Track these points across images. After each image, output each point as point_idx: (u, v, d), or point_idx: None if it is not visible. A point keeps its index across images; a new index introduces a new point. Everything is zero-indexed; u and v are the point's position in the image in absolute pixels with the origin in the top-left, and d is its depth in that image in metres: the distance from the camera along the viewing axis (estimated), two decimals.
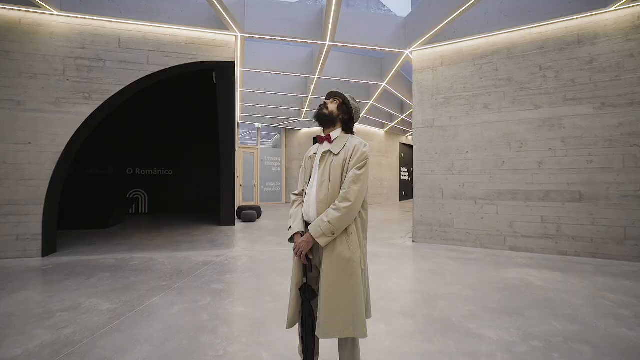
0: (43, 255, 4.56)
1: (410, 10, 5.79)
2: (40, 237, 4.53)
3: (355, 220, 1.61)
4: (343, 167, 1.62)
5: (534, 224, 4.91)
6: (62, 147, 4.62)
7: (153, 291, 3.24)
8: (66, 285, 3.39)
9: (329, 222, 1.52)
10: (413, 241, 5.84)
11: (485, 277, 3.72)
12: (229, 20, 4.84)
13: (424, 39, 5.35)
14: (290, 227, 1.72)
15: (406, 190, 16.30)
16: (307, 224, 1.69)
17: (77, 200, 7.98)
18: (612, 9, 4.35)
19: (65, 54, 4.73)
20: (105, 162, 9.90)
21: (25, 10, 4.57)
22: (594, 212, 4.54)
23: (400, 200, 15.70)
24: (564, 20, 4.68)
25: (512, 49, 5.09)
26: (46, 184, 4.56)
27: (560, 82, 4.76)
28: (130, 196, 10.16)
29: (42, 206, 4.54)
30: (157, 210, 10.37)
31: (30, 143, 4.54)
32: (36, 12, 4.62)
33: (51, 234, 4.77)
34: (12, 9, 4.54)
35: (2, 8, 4.51)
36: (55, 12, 4.62)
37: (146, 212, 10.27)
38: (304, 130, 13.70)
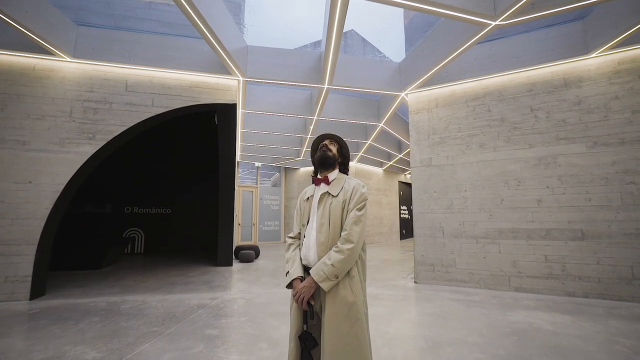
0: (31, 299, 4.38)
1: (404, 56, 6.13)
2: (30, 279, 4.38)
3: (356, 262, 1.57)
4: (343, 209, 1.61)
5: (538, 263, 4.80)
6: (62, 186, 4.63)
7: (143, 337, 3.07)
8: (51, 332, 3.22)
9: (332, 265, 1.48)
10: (415, 282, 5.66)
11: (491, 321, 3.56)
12: (232, 66, 5.09)
13: (417, 82, 5.60)
14: (288, 272, 1.66)
15: (406, 229, 16.11)
16: (305, 268, 1.64)
17: (71, 240, 7.83)
18: (593, 55, 4.62)
19: (73, 97, 4.92)
20: (104, 200, 9.88)
21: (40, 58, 4.82)
22: (597, 250, 4.46)
23: (401, 239, 15.46)
24: (549, 66, 4.95)
25: (503, 92, 5.31)
26: (42, 223, 4.51)
27: (551, 122, 4.91)
28: (127, 235, 10.01)
29: (36, 246, 4.45)
30: (153, 249, 10.16)
31: (30, 182, 4.56)
32: (50, 59, 4.87)
33: (42, 276, 4.63)
34: (28, 57, 4.80)
35: (19, 55, 4.76)
36: (68, 59, 4.87)
37: (142, 251, 10.05)
38: (303, 169, 13.84)
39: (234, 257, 8.41)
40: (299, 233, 1.77)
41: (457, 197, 5.51)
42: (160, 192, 10.49)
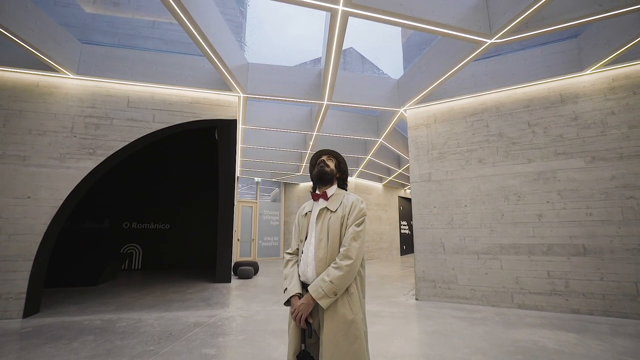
0: (24, 316, 4.29)
1: (402, 72, 6.23)
2: (24, 295, 4.30)
3: (354, 278, 1.55)
4: (342, 224, 1.60)
5: (541, 279, 4.73)
6: (61, 202, 4.62)
7: (139, 357, 2.99)
8: (44, 352, 3.14)
9: (330, 281, 1.46)
10: (416, 299, 5.56)
11: (495, 339, 3.48)
12: (233, 83, 5.17)
13: (416, 99, 5.68)
14: (285, 289, 1.63)
15: (407, 245, 15.97)
16: (304, 285, 1.61)
17: (68, 256, 7.73)
18: (588, 72, 4.70)
19: (75, 112, 4.97)
20: (102, 215, 9.82)
21: (44, 75, 4.90)
22: (600, 266, 4.41)
23: (401, 254, 15.30)
24: (545, 82, 5.02)
25: (500, 107, 5.37)
26: (39, 238, 4.46)
27: (549, 138, 4.95)
28: (125, 251, 9.90)
29: (32, 262, 4.39)
30: (151, 265, 10.03)
31: (29, 197, 4.54)
32: (53, 76, 4.95)
33: (36, 293, 4.55)
34: (32, 74, 4.87)
35: (23, 72, 4.84)
36: (72, 76, 4.95)
37: (139, 267, 9.91)
38: (303, 185, 13.85)
39: (232, 273, 8.30)
40: (297, 249, 1.75)
41: (457, 212, 5.49)
42: (160, 208, 10.45)
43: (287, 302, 1.60)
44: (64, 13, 4.74)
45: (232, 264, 8.32)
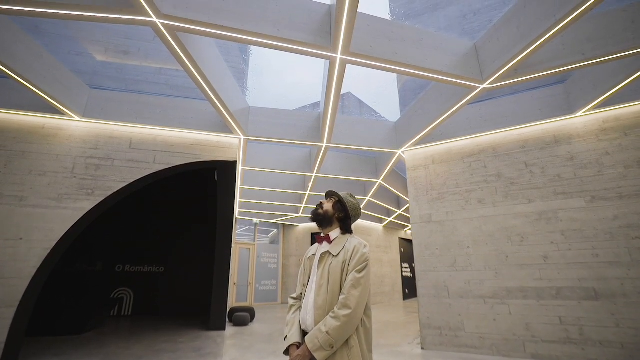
0: None
1: (399, 116, 6.43)
2: (2, 346, 4.02)
3: (357, 329, 1.44)
4: (343, 270, 1.52)
5: (553, 325, 4.47)
6: (54, 243, 4.51)
7: None
8: None
9: (327, 332, 1.36)
10: (422, 348, 5.21)
11: None
12: (234, 125, 5.30)
13: (413, 141, 5.80)
14: (286, 336, 1.53)
15: (409, 288, 15.37)
16: (304, 333, 1.51)
17: (53, 301, 7.35)
18: (579, 114, 4.85)
19: (77, 153, 5.03)
20: (95, 257, 9.51)
21: (50, 117, 5.03)
22: (615, 311, 4.19)
23: (404, 299, 14.67)
24: (538, 124, 5.16)
25: (497, 148, 5.46)
26: (26, 283, 4.28)
27: (547, 178, 4.97)
28: (115, 296, 9.44)
29: (15, 309, 4.16)
30: (142, 311, 9.49)
31: (21, 239, 4.43)
32: (60, 119, 5.08)
33: (16, 343, 4.24)
34: (39, 116, 5.00)
35: (30, 115, 4.97)
36: (77, 118, 5.08)
37: (129, 313, 9.39)
38: (302, 226, 13.66)
39: (227, 320, 7.88)
40: (302, 293, 1.67)
41: (460, 254, 5.34)
42: (154, 249, 10.15)
43: (287, 351, 1.48)
44: (76, 60, 5.00)
45: (228, 310, 7.93)
